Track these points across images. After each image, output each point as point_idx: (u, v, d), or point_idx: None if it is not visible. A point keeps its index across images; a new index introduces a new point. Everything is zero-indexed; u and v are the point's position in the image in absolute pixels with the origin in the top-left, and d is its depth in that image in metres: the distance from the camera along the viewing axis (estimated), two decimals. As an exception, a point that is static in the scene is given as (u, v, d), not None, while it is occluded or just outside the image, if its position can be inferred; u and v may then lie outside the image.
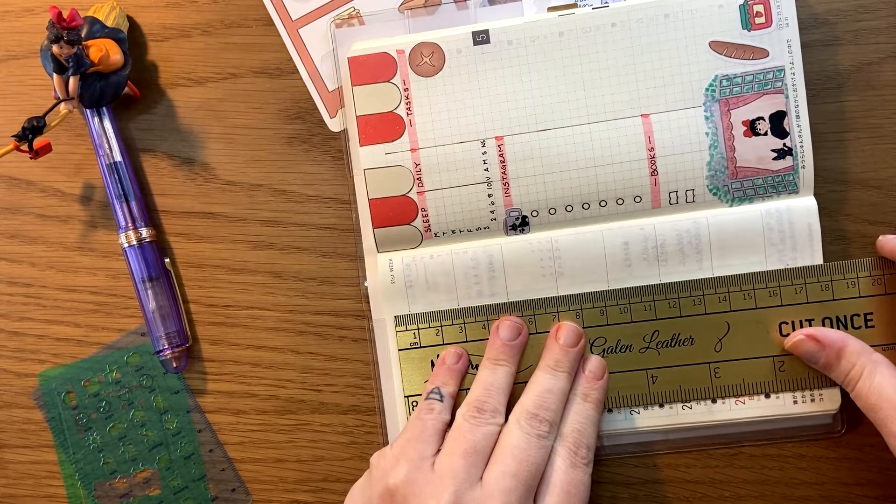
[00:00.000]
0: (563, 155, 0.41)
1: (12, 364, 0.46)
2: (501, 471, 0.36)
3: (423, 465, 0.37)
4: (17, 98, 0.46)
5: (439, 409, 0.40)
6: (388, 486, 0.36)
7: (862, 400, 0.38)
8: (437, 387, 0.40)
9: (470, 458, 0.36)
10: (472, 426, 0.37)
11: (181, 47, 0.45)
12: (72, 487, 0.45)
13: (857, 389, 0.38)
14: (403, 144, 0.42)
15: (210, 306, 0.45)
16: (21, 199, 0.46)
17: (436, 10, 0.43)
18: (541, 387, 0.39)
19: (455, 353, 0.42)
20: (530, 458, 0.36)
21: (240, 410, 0.45)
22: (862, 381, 0.38)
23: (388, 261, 0.42)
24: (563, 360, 0.40)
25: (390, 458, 0.38)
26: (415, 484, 0.36)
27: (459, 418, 0.38)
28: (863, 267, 0.40)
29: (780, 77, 0.40)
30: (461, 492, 0.35)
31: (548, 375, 0.39)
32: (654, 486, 0.44)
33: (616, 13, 0.41)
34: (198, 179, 0.45)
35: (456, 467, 0.36)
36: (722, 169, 0.41)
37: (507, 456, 0.36)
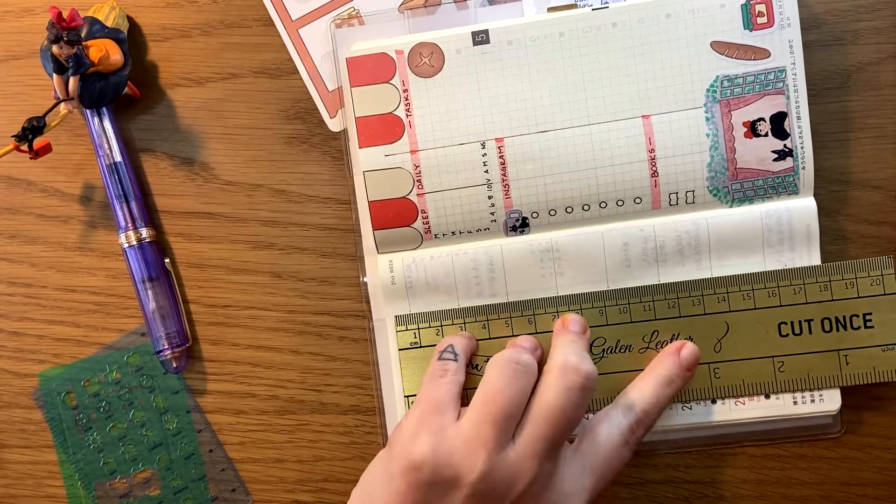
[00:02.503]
0: (564, 156, 0.41)
1: (12, 364, 0.46)
2: (535, 434, 0.35)
3: (447, 434, 0.35)
4: (17, 98, 0.45)
5: (454, 370, 0.38)
6: (412, 461, 0.35)
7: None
8: (452, 344, 0.40)
9: (500, 425, 0.35)
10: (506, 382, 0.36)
11: (181, 47, 0.45)
12: (72, 487, 0.46)
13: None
14: (403, 146, 0.42)
15: (210, 306, 0.45)
16: (21, 199, 0.46)
17: (436, 10, 0.43)
18: (568, 342, 0.39)
19: (466, 333, 0.42)
20: (566, 419, 0.35)
21: (240, 410, 0.45)
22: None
23: (389, 262, 0.42)
24: (577, 340, 0.39)
25: (409, 430, 0.36)
26: (441, 455, 0.35)
27: (491, 370, 0.37)
28: (862, 267, 0.40)
29: (781, 78, 0.40)
30: (493, 459, 0.34)
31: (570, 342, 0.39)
32: (654, 486, 0.44)
33: (617, 13, 0.41)
34: (198, 179, 0.45)
35: (485, 435, 0.35)
36: (722, 170, 0.41)
37: (541, 419, 0.35)
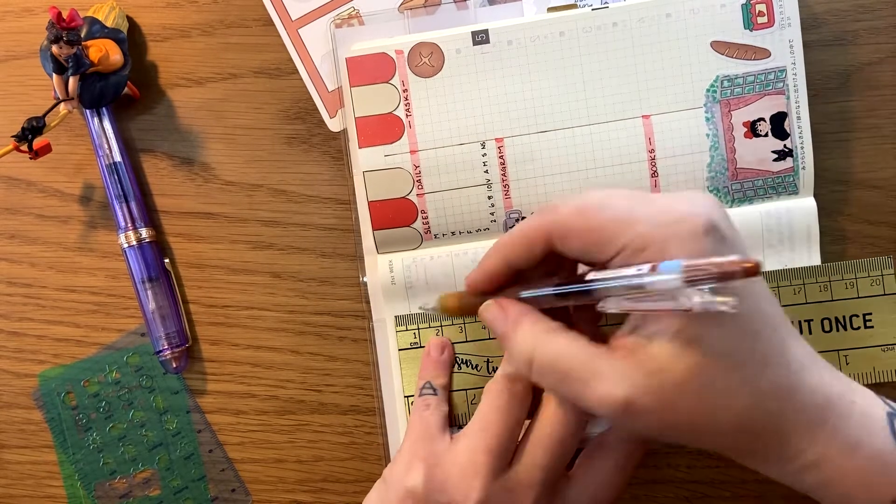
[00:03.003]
0: (564, 156, 0.41)
1: (12, 364, 0.46)
2: (532, 463, 0.35)
3: (442, 461, 0.36)
4: (17, 98, 0.45)
5: (435, 404, 0.39)
6: (407, 489, 0.35)
7: (548, 375, 0.32)
8: (428, 381, 0.40)
9: (495, 453, 0.35)
10: (500, 413, 0.35)
11: (181, 47, 0.45)
12: (71, 488, 0.46)
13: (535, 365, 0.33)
14: (403, 146, 0.42)
15: (210, 306, 0.45)
16: (21, 200, 0.46)
17: (436, 10, 0.43)
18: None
19: (439, 345, 0.41)
20: (563, 448, 0.35)
21: (240, 411, 0.45)
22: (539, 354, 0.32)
23: (389, 262, 0.42)
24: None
25: (402, 462, 0.37)
26: (436, 481, 0.35)
27: (486, 397, 0.36)
28: (862, 268, 0.40)
29: (781, 78, 0.40)
30: (488, 488, 0.34)
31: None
32: (654, 486, 0.44)
33: (617, 13, 0.40)
34: (198, 179, 0.45)
35: (480, 463, 0.35)
36: (722, 170, 0.41)
37: (538, 448, 0.35)
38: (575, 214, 0.31)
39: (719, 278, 0.26)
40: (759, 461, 0.32)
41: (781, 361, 0.30)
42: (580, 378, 0.31)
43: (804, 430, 0.30)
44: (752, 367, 0.29)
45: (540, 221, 0.33)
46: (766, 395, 0.30)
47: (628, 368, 0.30)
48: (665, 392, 0.29)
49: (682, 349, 0.29)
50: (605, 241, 0.30)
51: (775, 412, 0.30)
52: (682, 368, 0.29)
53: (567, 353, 0.31)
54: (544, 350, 0.32)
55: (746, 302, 0.29)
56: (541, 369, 0.32)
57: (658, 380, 0.29)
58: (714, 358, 0.29)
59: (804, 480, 0.31)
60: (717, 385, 0.29)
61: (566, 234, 0.32)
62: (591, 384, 0.30)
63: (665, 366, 0.29)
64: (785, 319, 0.31)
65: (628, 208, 0.30)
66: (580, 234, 0.31)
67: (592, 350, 0.31)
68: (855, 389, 0.32)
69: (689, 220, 0.29)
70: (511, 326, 0.34)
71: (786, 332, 0.31)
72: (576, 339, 0.32)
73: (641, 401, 0.29)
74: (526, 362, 0.33)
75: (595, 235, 0.31)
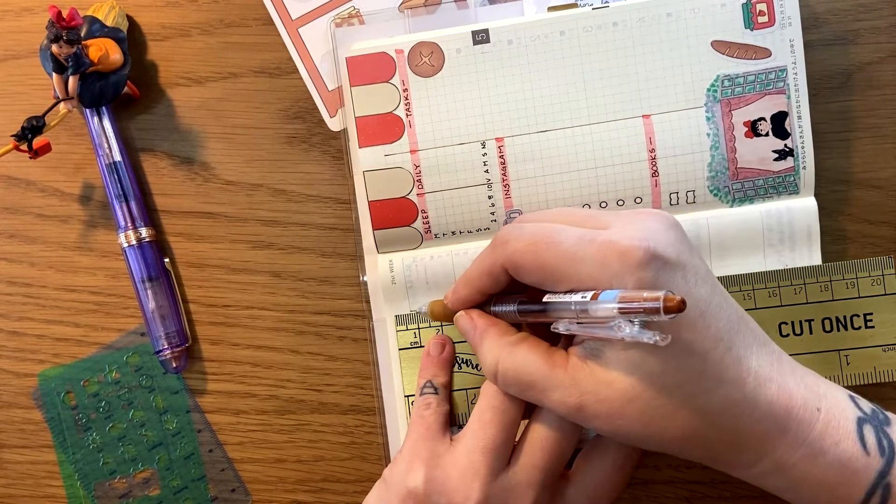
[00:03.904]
0: (564, 156, 0.41)
1: (12, 364, 0.46)
2: (531, 463, 0.35)
3: (441, 462, 0.36)
4: (17, 98, 0.45)
5: (437, 403, 0.39)
6: (408, 489, 0.36)
7: (512, 385, 0.34)
8: (429, 380, 0.40)
9: (492, 454, 0.35)
10: (496, 413, 0.36)
11: (181, 47, 0.45)
12: (71, 487, 0.45)
13: (499, 376, 0.34)
14: (403, 146, 0.42)
15: (210, 306, 0.45)
16: (21, 199, 0.46)
17: (436, 9, 0.43)
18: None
19: (438, 343, 0.41)
20: (561, 448, 0.35)
21: (240, 410, 0.45)
22: (501, 366, 0.34)
23: (389, 262, 0.42)
24: None
25: (402, 462, 0.37)
26: (436, 482, 0.35)
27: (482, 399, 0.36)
28: (862, 267, 0.40)
29: (782, 77, 0.40)
30: (488, 488, 0.35)
31: None
32: (654, 486, 0.44)
33: (617, 12, 0.40)
34: (197, 179, 0.45)
35: (478, 464, 0.35)
36: (723, 170, 0.41)
37: (536, 448, 0.35)
38: (524, 251, 0.33)
39: (646, 312, 0.27)
40: (716, 465, 0.33)
41: (736, 378, 0.31)
42: (539, 387, 0.33)
43: (760, 441, 0.31)
44: (698, 386, 0.30)
45: (494, 256, 0.34)
46: (716, 411, 0.31)
47: (580, 377, 0.32)
48: (613, 402, 0.31)
49: (629, 365, 0.30)
50: (555, 280, 0.32)
51: (727, 427, 0.31)
52: (628, 384, 0.31)
53: (526, 365, 0.33)
54: (505, 363, 0.34)
55: (698, 323, 0.30)
56: (504, 380, 0.34)
57: (607, 390, 0.31)
58: (652, 381, 0.30)
59: (766, 484, 0.33)
60: (660, 403, 0.30)
61: (518, 269, 0.33)
62: (548, 392, 0.32)
63: (613, 378, 0.31)
64: (744, 333, 0.32)
65: (573, 246, 0.31)
66: (531, 271, 0.33)
67: (549, 360, 0.33)
68: (823, 395, 0.32)
69: (628, 254, 0.30)
70: (479, 338, 0.36)
71: (743, 348, 0.31)
72: (535, 349, 0.34)
73: (593, 407, 0.31)
74: (491, 374, 0.35)
75: (546, 273, 0.32)
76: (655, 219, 0.32)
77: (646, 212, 0.33)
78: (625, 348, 0.30)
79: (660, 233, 0.31)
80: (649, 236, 0.30)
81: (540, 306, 0.33)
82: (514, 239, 0.33)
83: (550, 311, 0.32)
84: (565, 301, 0.31)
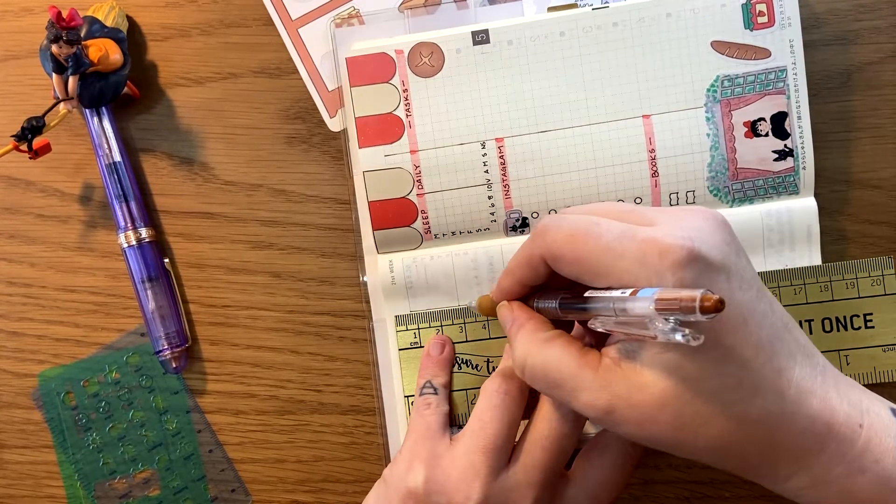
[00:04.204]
0: (564, 156, 0.41)
1: (12, 364, 0.46)
2: (531, 463, 0.35)
3: (441, 461, 0.36)
4: (17, 98, 0.45)
5: (436, 403, 0.39)
6: (408, 489, 0.36)
7: (539, 381, 0.33)
8: (429, 380, 0.40)
9: (492, 454, 0.35)
10: (495, 413, 0.36)
11: (181, 47, 0.45)
12: (71, 488, 0.45)
13: (527, 371, 0.33)
14: (403, 146, 0.42)
15: (210, 306, 0.45)
16: (21, 199, 0.46)
17: (436, 9, 0.43)
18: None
19: (438, 344, 0.41)
20: (561, 448, 0.35)
21: (239, 411, 0.45)
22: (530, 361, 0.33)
23: (389, 262, 0.42)
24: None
25: (402, 462, 0.37)
26: (436, 482, 0.35)
27: (482, 399, 0.37)
28: (862, 267, 0.40)
29: (781, 78, 0.40)
30: (488, 487, 0.34)
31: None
32: (655, 486, 0.44)
33: (617, 12, 0.40)
34: (197, 179, 0.45)
35: (478, 464, 0.35)
36: (723, 170, 0.41)
37: (536, 447, 0.35)
38: (563, 242, 0.31)
39: (682, 311, 0.26)
40: (749, 477, 0.31)
41: (776, 389, 0.29)
42: (567, 387, 0.31)
43: (798, 456, 0.30)
44: (736, 395, 0.29)
45: (533, 246, 0.33)
46: (753, 422, 0.29)
47: (612, 379, 0.30)
48: (645, 407, 0.29)
49: (664, 370, 0.29)
50: (593, 274, 0.31)
51: (763, 438, 0.30)
52: (662, 388, 0.29)
53: (555, 363, 0.32)
54: (535, 359, 0.33)
55: (739, 329, 0.29)
56: (532, 375, 0.33)
57: (639, 395, 0.29)
58: (688, 386, 0.29)
59: (801, 498, 0.31)
60: (694, 409, 0.29)
61: (557, 260, 0.32)
62: (576, 393, 0.31)
63: (647, 382, 0.29)
64: (788, 343, 0.30)
65: (613, 241, 0.30)
66: (569, 263, 0.31)
67: (581, 360, 0.31)
68: (866, 410, 0.31)
69: (669, 252, 0.28)
70: (514, 331, 0.34)
71: (786, 358, 0.30)
72: (567, 348, 0.32)
73: (624, 412, 0.30)
74: (520, 367, 0.34)
75: (583, 266, 0.31)
76: (703, 217, 0.30)
77: (694, 209, 0.32)
78: (661, 351, 0.29)
79: (705, 232, 0.29)
80: (694, 236, 0.29)
81: (580, 302, 0.31)
82: (554, 229, 0.32)
83: (590, 308, 0.31)
84: (605, 297, 0.30)
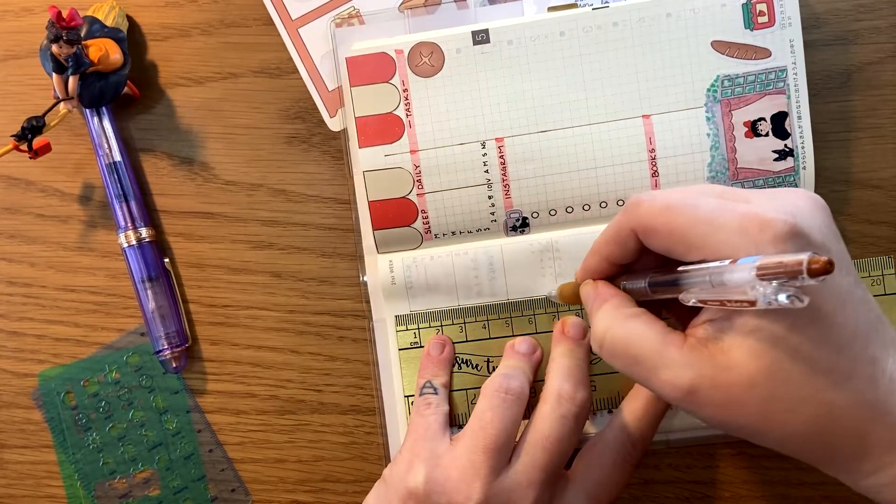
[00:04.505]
0: (564, 156, 0.41)
1: (12, 364, 0.46)
2: (531, 463, 0.35)
3: (442, 461, 0.36)
4: (17, 98, 0.45)
5: (437, 403, 0.39)
6: (408, 489, 0.36)
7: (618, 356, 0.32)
8: (429, 380, 0.40)
9: (492, 454, 0.35)
10: (496, 413, 0.36)
11: (181, 47, 0.45)
12: (71, 488, 0.45)
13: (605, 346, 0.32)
14: (403, 146, 0.42)
15: (210, 306, 0.45)
16: (21, 199, 0.46)
17: (436, 9, 0.43)
18: (565, 366, 0.38)
19: (438, 344, 0.41)
20: (561, 448, 0.36)
21: (240, 410, 0.45)
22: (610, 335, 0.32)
23: (389, 262, 0.42)
24: (576, 350, 0.39)
25: (403, 461, 0.37)
26: (436, 482, 0.35)
27: (482, 399, 0.37)
28: (862, 267, 0.40)
29: (782, 77, 0.40)
30: (489, 487, 0.35)
31: (566, 358, 0.39)
32: (655, 486, 0.44)
33: (617, 12, 0.40)
34: (197, 179, 0.45)
35: (479, 464, 0.35)
36: (723, 170, 0.41)
37: (536, 448, 0.35)
38: (657, 214, 0.30)
39: (787, 275, 0.25)
40: (830, 470, 0.30)
41: (870, 378, 0.28)
42: (648, 364, 0.30)
43: (886, 450, 0.28)
44: (828, 379, 0.28)
45: (625, 219, 0.32)
46: (844, 407, 0.28)
47: (697, 358, 0.29)
48: (731, 388, 0.28)
49: (756, 349, 0.28)
50: (688, 245, 0.30)
51: (853, 428, 0.28)
52: (752, 369, 0.28)
53: (638, 338, 0.31)
54: (616, 332, 0.32)
55: (837, 313, 0.28)
56: (611, 351, 0.32)
57: (726, 375, 0.28)
58: (779, 367, 0.27)
59: (879, 494, 0.30)
60: (786, 391, 0.28)
61: (649, 232, 0.31)
62: (657, 371, 0.30)
63: (735, 362, 0.28)
64: (882, 334, 0.29)
65: (712, 212, 0.29)
66: (663, 235, 0.30)
67: (664, 338, 0.30)
68: None
69: (771, 225, 0.27)
70: (596, 305, 0.33)
71: (880, 349, 0.29)
72: (651, 325, 0.31)
73: (708, 393, 0.28)
74: (598, 342, 0.32)
75: (678, 238, 0.30)
76: (803, 197, 0.30)
77: (794, 190, 0.31)
78: (752, 332, 0.28)
79: (806, 212, 0.29)
80: (795, 213, 0.28)
81: (672, 276, 0.30)
82: (648, 202, 0.31)
83: (682, 283, 0.30)
84: (700, 269, 0.29)
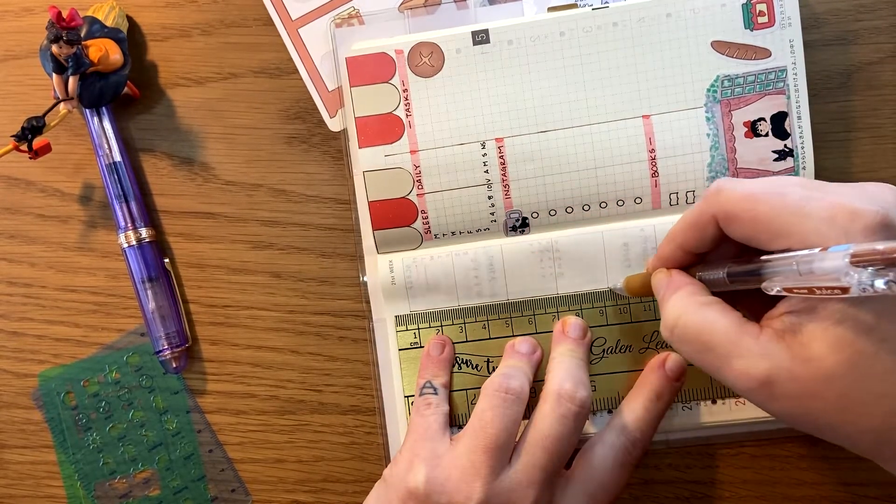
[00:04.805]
0: (564, 156, 0.41)
1: (12, 364, 0.46)
2: (531, 463, 0.35)
3: (442, 461, 0.36)
4: (17, 98, 0.45)
5: (437, 403, 0.39)
6: (408, 489, 0.36)
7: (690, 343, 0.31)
8: (429, 380, 0.40)
9: (493, 454, 0.35)
10: (496, 413, 0.36)
11: (181, 47, 0.45)
12: (71, 488, 0.45)
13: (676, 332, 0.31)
14: (403, 146, 0.42)
15: (210, 306, 0.45)
16: (21, 199, 0.46)
17: (436, 9, 0.43)
18: (565, 366, 0.38)
19: (438, 344, 0.41)
20: (561, 447, 0.36)
21: (240, 411, 0.45)
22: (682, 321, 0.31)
23: (389, 262, 0.42)
24: (576, 349, 0.39)
25: (403, 461, 0.37)
26: (437, 482, 0.35)
27: (482, 399, 0.37)
28: (863, 268, 0.40)
29: (782, 78, 0.40)
30: (489, 487, 0.35)
31: (566, 357, 0.39)
32: (655, 486, 0.44)
33: (617, 12, 0.40)
34: (197, 179, 0.45)
35: (479, 464, 0.35)
36: (723, 170, 0.41)
37: (536, 447, 0.36)
38: (740, 200, 0.30)
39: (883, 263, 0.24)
40: None
41: None
42: (721, 352, 0.29)
43: None
44: None
45: (705, 206, 0.31)
46: None
47: (775, 348, 0.28)
48: (809, 381, 0.27)
49: (839, 340, 0.27)
50: (773, 233, 0.29)
51: None
52: (833, 361, 0.27)
53: (712, 326, 0.30)
54: (689, 318, 0.31)
55: None
56: (682, 337, 0.31)
57: (804, 367, 0.27)
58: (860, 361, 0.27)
59: None
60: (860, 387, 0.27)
61: (731, 219, 0.30)
62: (731, 359, 0.29)
63: (815, 354, 0.27)
64: None
65: (800, 200, 0.28)
66: (746, 222, 0.30)
67: (741, 327, 0.29)
68: None
69: (861, 215, 0.27)
70: (669, 293, 0.33)
71: None
72: (727, 314, 0.30)
73: (784, 385, 0.28)
74: (669, 328, 0.32)
75: (762, 226, 0.29)
76: (886, 190, 0.29)
77: (879, 184, 0.30)
78: (833, 325, 0.27)
79: (892, 203, 0.28)
80: (884, 205, 0.27)
81: (755, 265, 0.29)
82: (730, 189, 0.30)
83: (765, 272, 0.29)
84: (786, 257, 0.28)
